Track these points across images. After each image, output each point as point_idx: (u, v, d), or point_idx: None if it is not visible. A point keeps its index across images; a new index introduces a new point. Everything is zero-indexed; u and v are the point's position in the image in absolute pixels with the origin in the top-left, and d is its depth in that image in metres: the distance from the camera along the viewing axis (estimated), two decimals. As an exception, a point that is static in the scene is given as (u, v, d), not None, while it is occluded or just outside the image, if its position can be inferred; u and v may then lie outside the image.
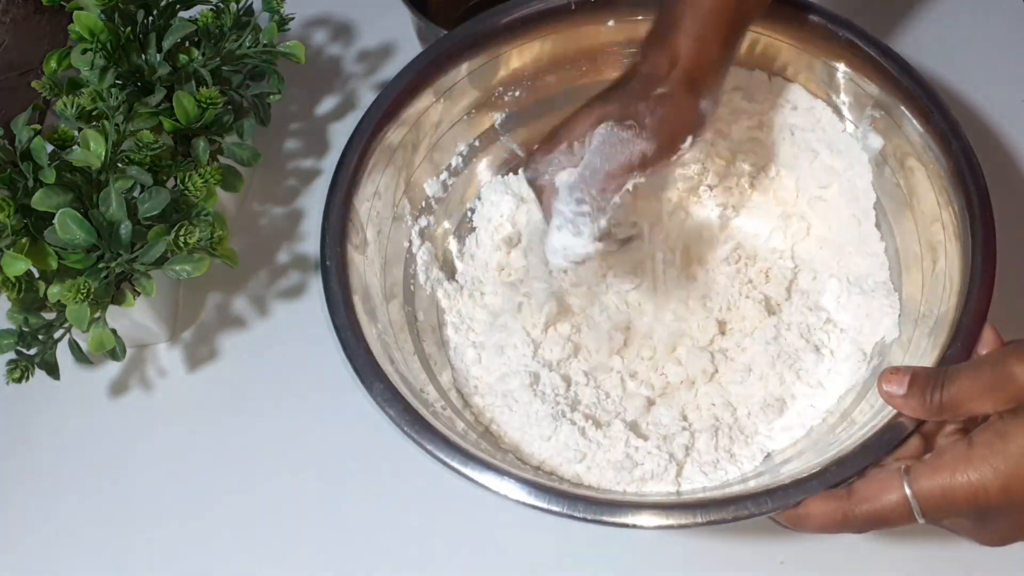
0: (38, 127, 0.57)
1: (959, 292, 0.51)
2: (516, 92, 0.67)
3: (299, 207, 0.73)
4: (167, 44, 0.64)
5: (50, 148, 0.58)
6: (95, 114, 0.60)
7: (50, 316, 0.59)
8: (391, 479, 0.62)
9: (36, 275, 0.58)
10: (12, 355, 0.58)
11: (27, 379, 0.57)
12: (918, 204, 0.58)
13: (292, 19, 0.68)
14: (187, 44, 0.67)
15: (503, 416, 0.59)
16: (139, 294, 0.60)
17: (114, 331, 0.58)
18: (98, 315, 0.57)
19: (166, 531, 0.62)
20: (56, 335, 0.59)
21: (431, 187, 0.65)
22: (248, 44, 0.66)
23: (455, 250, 0.67)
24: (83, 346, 0.59)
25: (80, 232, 0.55)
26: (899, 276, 0.60)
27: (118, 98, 0.59)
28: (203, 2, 0.67)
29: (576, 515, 0.47)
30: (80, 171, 0.58)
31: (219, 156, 0.66)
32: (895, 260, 0.60)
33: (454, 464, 0.49)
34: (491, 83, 0.66)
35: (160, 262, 0.57)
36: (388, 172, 0.62)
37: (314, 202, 0.73)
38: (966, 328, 0.50)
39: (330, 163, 0.73)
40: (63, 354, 0.59)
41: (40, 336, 0.58)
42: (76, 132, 0.59)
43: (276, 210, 0.74)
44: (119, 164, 0.59)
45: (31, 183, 0.56)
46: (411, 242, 0.64)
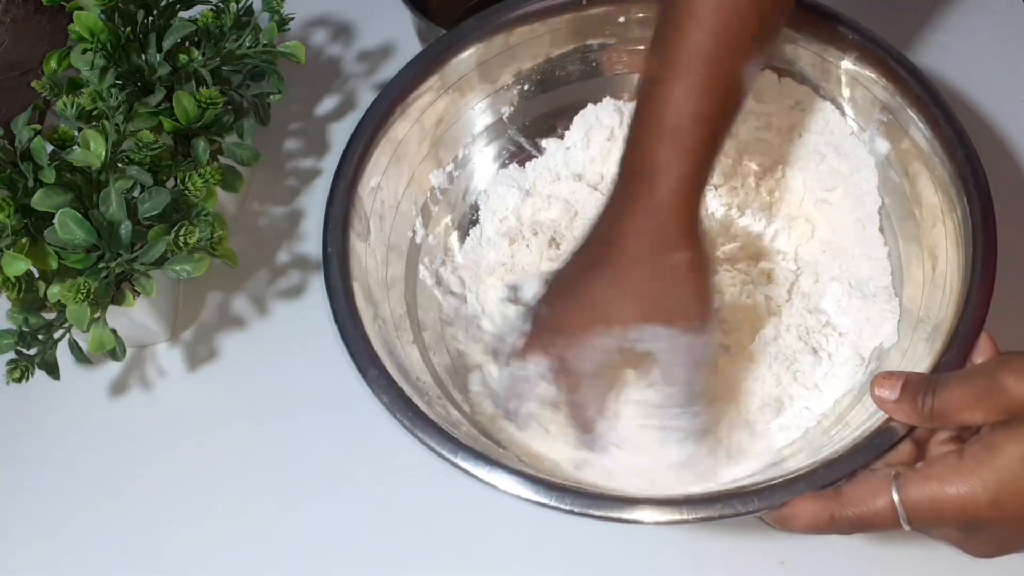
0: (38, 127, 0.57)
1: (958, 300, 0.51)
2: (524, 85, 0.67)
3: (299, 207, 0.73)
4: (167, 44, 0.64)
5: (50, 148, 0.58)
6: (95, 114, 0.60)
7: (50, 316, 0.58)
8: (391, 478, 0.62)
9: (36, 275, 0.58)
10: (12, 355, 0.58)
11: (27, 379, 0.57)
12: (921, 210, 0.58)
13: (292, 19, 0.68)
14: (187, 44, 0.67)
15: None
16: (139, 294, 0.60)
17: (114, 331, 0.58)
18: (98, 315, 0.57)
19: (166, 531, 0.62)
20: (56, 335, 0.59)
21: (436, 178, 0.65)
22: (248, 44, 0.66)
23: (458, 242, 0.67)
24: (83, 346, 0.59)
25: (80, 232, 0.55)
26: (900, 281, 0.59)
27: (118, 98, 0.59)
28: (203, 2, 0.67)
29: (563, 507, 0.47)
30: (80, 171, 0.58)
31: (219, 156, 0.66)
32: (897, 265, 0.60)
33: (444, 453, 0.49)
34: (499, 76, 0.66)
35: (160, 262, 0.57)
36: (393, 162, 0.62)
37: (314, 202, 0.73)
38: (962, 336, 0.49)
39: (330, 163, 0.73)
40: (63, 354, 0.59)
41: (40, 336, 0.58)
42: (76, 132, 0.59)
43: (276, 210, 0.74)
44: (119, 164, 0.59)
45: (31, 183, 0.56)
46: (415, 232, 0.64)
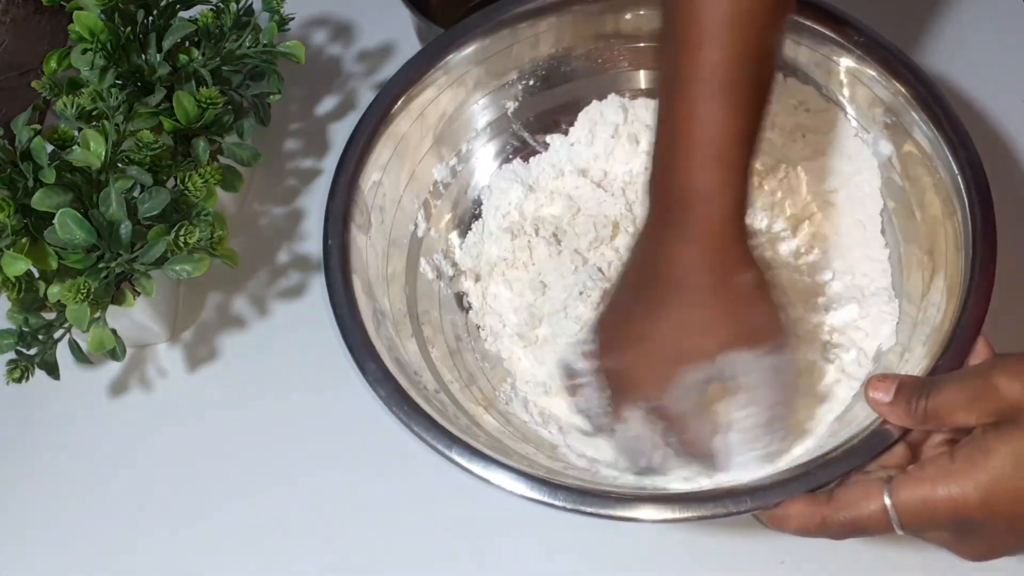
0: (38, 127, 0.57)
1: (956, 303, 0.51)
2: (529, 81, 0.67)
3: (299, 207, 0.73)
4: (167, 44, 0.64)
5: (50, 148, 0.58)
6: (95, 114, 0.60)
7: (50, 316, 0.58)
8: (392, 477, 0.62)
9: (36, 275, 0.58)
10: (12, 355, 0.58)
11: (27, 379, 0.57)
12: (922, 212, 0.58)
13: (292, 19, 0.68)
14: (187, 44, 0.67)
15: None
16: (139, 294, 0.60)
17: (114, 331, 0.58)
18: (98, 315, 0.57)
19: (166, 531, 0.62)
20: (56, 335, 0.59)
21: (439, 172, 0.65)
22: (248, 44, 0.66)
23: (459, 237, 0.67)
24: (83, 346, 0.59)
25: (80, 232, 0.55)
26: (900, 283, 0.59)
27: (118, 98, 0.59)
28: (203, 2, 0.67)
29: (557, 504, 0.47)
30: (80, 171, 0.58)
31: (219, 156, 0.66)
32: (897, 266, 0.60)
33: (439, 447, 0.49)
34: (503, 71, 0.66)
35: (160, 262, 0.57)
36: (395, 156, 0.62)
37: (314, 202, 0.73)
38: (959, 339, 0.49)
39: (330, 163, 0.73)
40: (63, 354, 0.59)
41: (40, 336, 0.58)
42: (76, 132, 0.59)
43: (276, 210, 0.74)
44: (119, 164, 0.59)
45: (31, 183, 0.56)
46: (416, 227, 0.64)
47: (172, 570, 0.61)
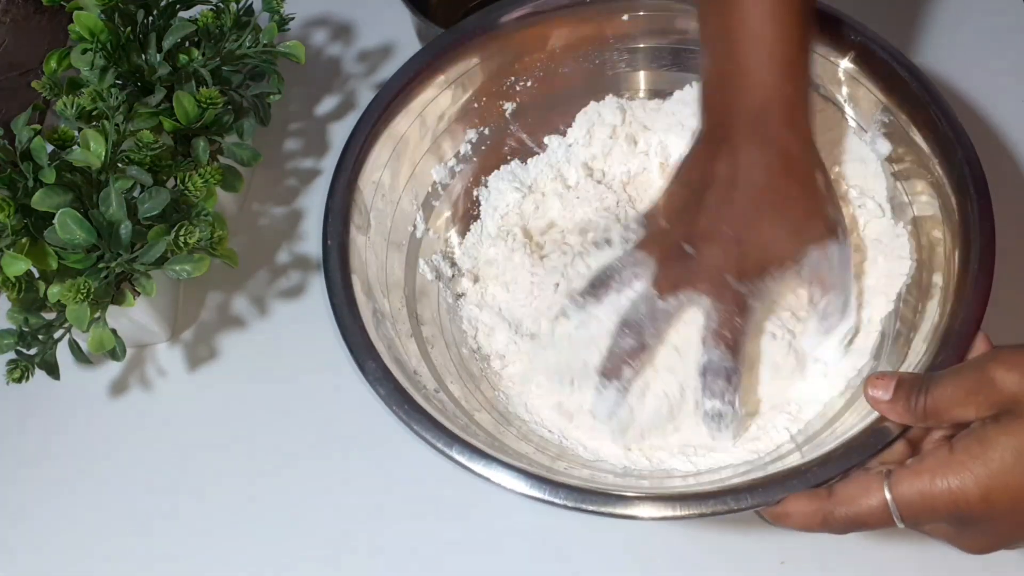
0: (38, 127, 0.57)
1: (955, 300, 0.51)
2: (527, 82, 0.67)
3: (299, 207, 0.74)
4: (167, 44, 0.64)
5: (50, 148, 0.58)
6: (95, 114, 0.60)
7: (50, 316, 0.59)
8: (392, 476, 0.62)
9: (36, 275, 0.58)
10: (12, 355, 0.58)
11: (27, 379, 0.57)
12: (921, 210, 0.58)
13: (292, 19, 0.68)
14: (187, 44, 0.67)
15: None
16: (139, 294, 0.60)
17: (114, 331, 0.58)
18: (98, 315, 0.57)
19: (166, 531, 0.62)
20: (56, 335, 0.59)
21: (438, 173, 0.65)
22: (248, 44, 0.66)
23: (458, 237, 0.67)
24: (83, 346, 0.59)
25: (80, 232, 0.55)
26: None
27: (118, 98, 0.59)
28: (203, 2, 0.67)
29: (557, 502, 0.47)
30: (80, 171, 0.58)
31: (219, 156, 0.66)
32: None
33: (440, 446, 0.49)
34: (502, 72, 0.66)
35: (160, 262, 0.57)
36: (394, 156, 0.62)
37: (314, 202, 0.73)
38: (959, 336, 0.50)
39: (330, 163, 0.73)
40: (63, 354, 0.59)
41: (40, 336, 0.58)
42: (76, 132, 0.59)
43: (276, 210, 0.74)
44: (119, 164, 0.59)
45: (31, 183, 0.56)
46: (415, 227, 0.64)
47: (172, 569, 0.61)
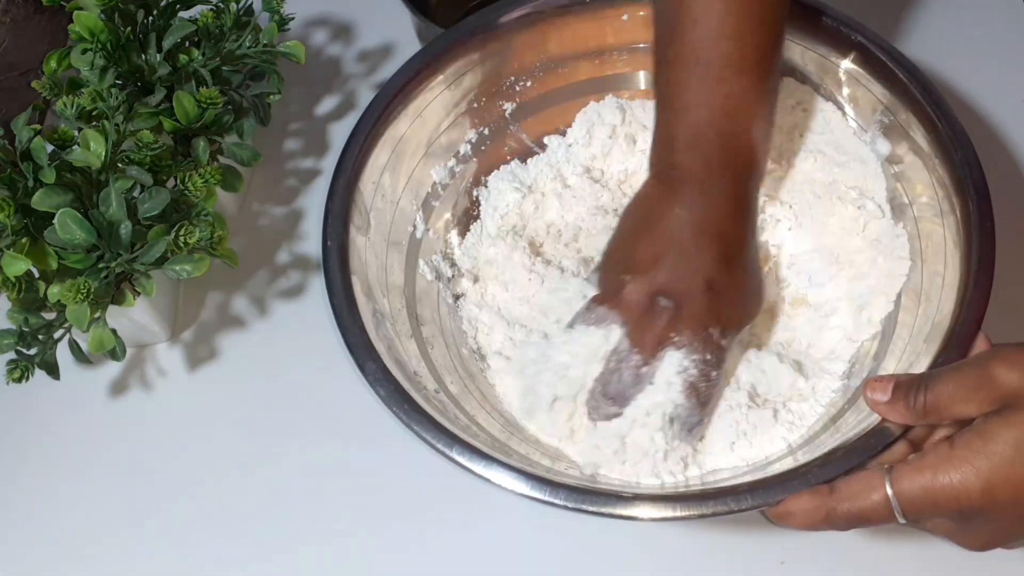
0: (38, 127, 0.57)
1: (955, 300, 0.51)
2: (527, 82, 0.67)
3: (299, 207, 0.74)
4: (167, 44, 0.64)
5: (50, 148, 0.58)
6: (95, 114, 0.60)
7: (50, 316, 0.59)
8: (392, 477, 0.62)
9: (36, 275, 0.58)
10: (12, 355, 0.58)
11: (27, 379, 0.57)
12: (921, 210, 0.58)
13: (292, 19, 0.68)
14: (187, 44, 0.67)
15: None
16: (139, 294, 0.60)
17: (114, 331, 0.58)
18: (98, 315, 0.57)
19: (166, 530, 0.62)
20: (56, 335, 0.59)
21: (437, 174, 0.65)
22: (248, 44, 0.66)
23: (458, 238, 0.67)
24: (83, 346, 0.59)
25: (80, 232, 0.55)
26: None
27: (118, 98, 0.59)
28: (203, 2, 0.67)
29: (558, 503, 0.47)
30: (80, 171, 0.58)
31: (219, 156, 0.66)
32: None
33: (440, 447, 0.49)
34: (502, 72, 0.66)
35: (160, 262, 0.57)
36: (394, 156, 0.62)
37: (314, 202, 0.73)
38: (959, 336, 0.50)
39: (330, 163, 0.73)
40: (63, 354, 0.59)
41: (40, 336, 0.58)
42: (76, 132, 0.59)
43: (276, 210, 0.74)
44: (119, 164, 0.59)
45: (31, 183, 0.56)
46: (415, 227, 0.64)
47: (171, 568, 0.61)
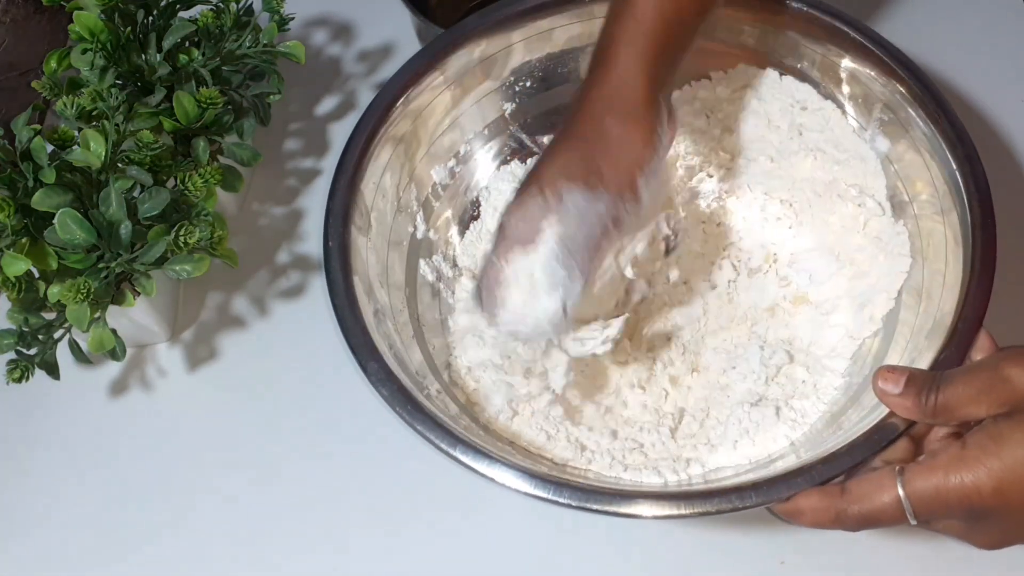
0: (38, 127, 0.57)
1: (957, 297, 0.51)
2: (527, 82, 0.67)
3: (299, 207, 0.74)
4: (167, 44, 0.64)
5: (50, 148, 0.58)
6: (95, 114, 0.60)
7: (50, 316, 0.59)
8: (393, 476, 0.62)
9: (36, 275, 0.58)
10: (12, 355, 0.58)
11: (27, 379, 0.57)
12: (921, 208, 0.58)
13: (292, 19, 0.68)
14: (187, 44, 0.67)
15: (493, 400, 0.59)
16: (139, 294, 0.60)
17: (114, 331, 0.58)
18: (98, 315, 0.57)
19: (166, 531, 0.62)
20: (56, 335, 0.59)
21: (438, 174, 0.66)
22: (248, 44, 0.66)
23: (458, 238, 0.67)
24: (83, 346, 0.59)
25: (80, 232, 0.55)
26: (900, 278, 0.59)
27: (118, 98, 0.59)
28: (203, 2, 0.67)
29: (561, 501, 0.47)
30: (80, 171, 0.58)
31: (219, 156, 0.66)
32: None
33: (443, 446, 0.49)
34: (501, 72, 0.66)
35: (160, 262, 0.57)
36: (395, 157, 0.62)
37: (314, 202, 0.73)
38: (961, 333, 0.50)
39: (330, 163, 0.73)
40: (63, 354, 0.59)
41: (40, 336, 0.58)
42: (76, 132, 0.59)
43: (276, 210, 0.74)
44: (119, 164, 0.59)
45: (31, 183, 0.56)
46: (415, 228, 0.64)
47: (171, 568, 0.61)
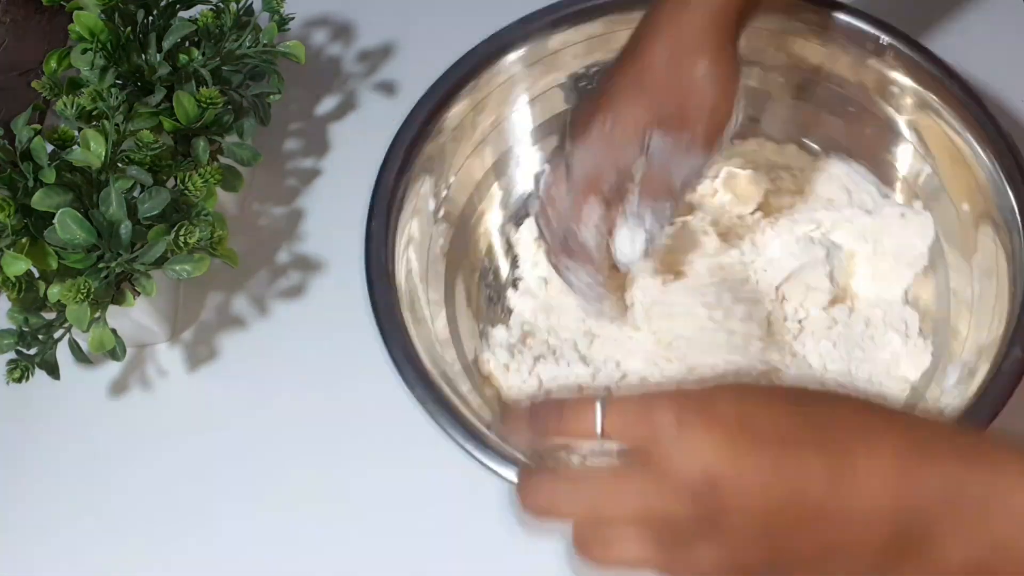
0: (38, 127, 0.57)
1: (1007, 316, 0.52)
2: (582, 83, 0.67)
3: (299, 207, 0.73)
4: (167, 44, 0.64)
5: (50, 148, 0.58)
6: (95, 114, 0.60)
7: (50, 316, 0.59)
8: (394, 476, 0.62)
9: (36, 275, 0.58)
10: (12, 355, 0.58)
11: (27, 379, 0.57)
12: (967, 226, 0.59)
13: (292, 19, 0.68)
14: (187, 44, 0.67)
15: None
16: (139, 294, 0.60)
17: (114, 331, 0.58)
18: (98, 315, 0.57)
19: (166, 531, 0.62)
20: (56, 335, 0.59)
21: (480, 170, 0.66)
22: (248, 44, 0.66)
23: (505, 235, 0.67)
24: (83, 346, 0.59)
25: (80, 232, 0.55)
26: (947, 300, 0.60)
27: (118, 98, 0.59)
28: (203, 2, 0.67)
29: None
30: (80, 171, 0.58)
31: (219, 156, 0.66)
32: (944, 284, 0.60)
33: (450, 431, 0.50)
34: (556, 72, 0.66)
35: (160, 262, 0.57)
36: (444, 150, 0.63)
37: (314, 202, 0.73)
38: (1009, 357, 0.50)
39: (330, 163, 0.74)
40: (63, 354, 0.59)
41: (40, 336, 0.58)
42: (76, 132, 0.59)
43: (276, 210, 0.74)
44: (119, 164, 0.59)
45: (31, 183, 0.56)
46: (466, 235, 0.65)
47: (172, 568, 0.61)
